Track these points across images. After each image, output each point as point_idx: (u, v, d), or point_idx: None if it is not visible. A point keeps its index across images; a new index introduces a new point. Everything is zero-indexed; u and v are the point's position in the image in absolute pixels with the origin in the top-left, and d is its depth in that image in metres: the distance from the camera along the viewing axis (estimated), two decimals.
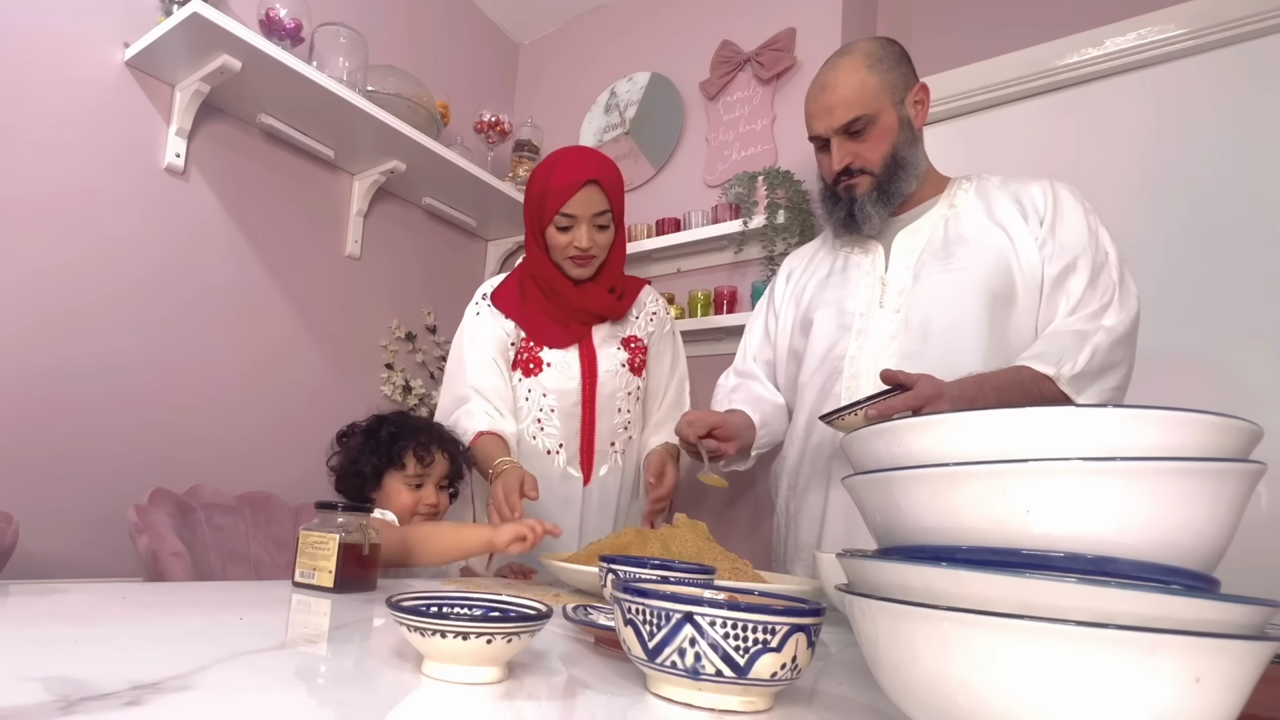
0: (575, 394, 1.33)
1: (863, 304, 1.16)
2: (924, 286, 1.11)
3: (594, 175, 1.26)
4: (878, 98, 1.09)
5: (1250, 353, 1.42)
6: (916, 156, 1.13)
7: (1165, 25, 1.55)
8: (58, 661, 0.39)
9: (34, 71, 1.41)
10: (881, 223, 1.14)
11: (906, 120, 1.12)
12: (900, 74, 1.12)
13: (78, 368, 1.45)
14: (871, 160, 1.11)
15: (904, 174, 1.12)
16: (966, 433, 0.38)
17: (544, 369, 1.34)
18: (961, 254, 1.09)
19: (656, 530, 0.89)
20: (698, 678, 0.40)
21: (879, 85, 1.09)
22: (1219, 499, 0.34)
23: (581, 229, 1.28)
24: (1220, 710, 0.30)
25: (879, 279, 1.16)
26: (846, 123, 1.09)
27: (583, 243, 1.28)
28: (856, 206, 1.13)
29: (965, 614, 0.31)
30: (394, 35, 2.10)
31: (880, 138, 1.10)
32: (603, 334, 1.39)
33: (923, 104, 1.14)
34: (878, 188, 1.12)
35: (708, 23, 2.06)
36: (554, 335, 1.35)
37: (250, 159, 1.77)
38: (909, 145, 1.12)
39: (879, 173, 1.12)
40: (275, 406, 1.78)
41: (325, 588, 0.73)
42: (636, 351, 1.41)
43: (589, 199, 1.27)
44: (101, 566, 1.43)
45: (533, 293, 1.38)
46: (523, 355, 1.36)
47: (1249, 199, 1.47)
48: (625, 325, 1.43)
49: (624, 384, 1.37)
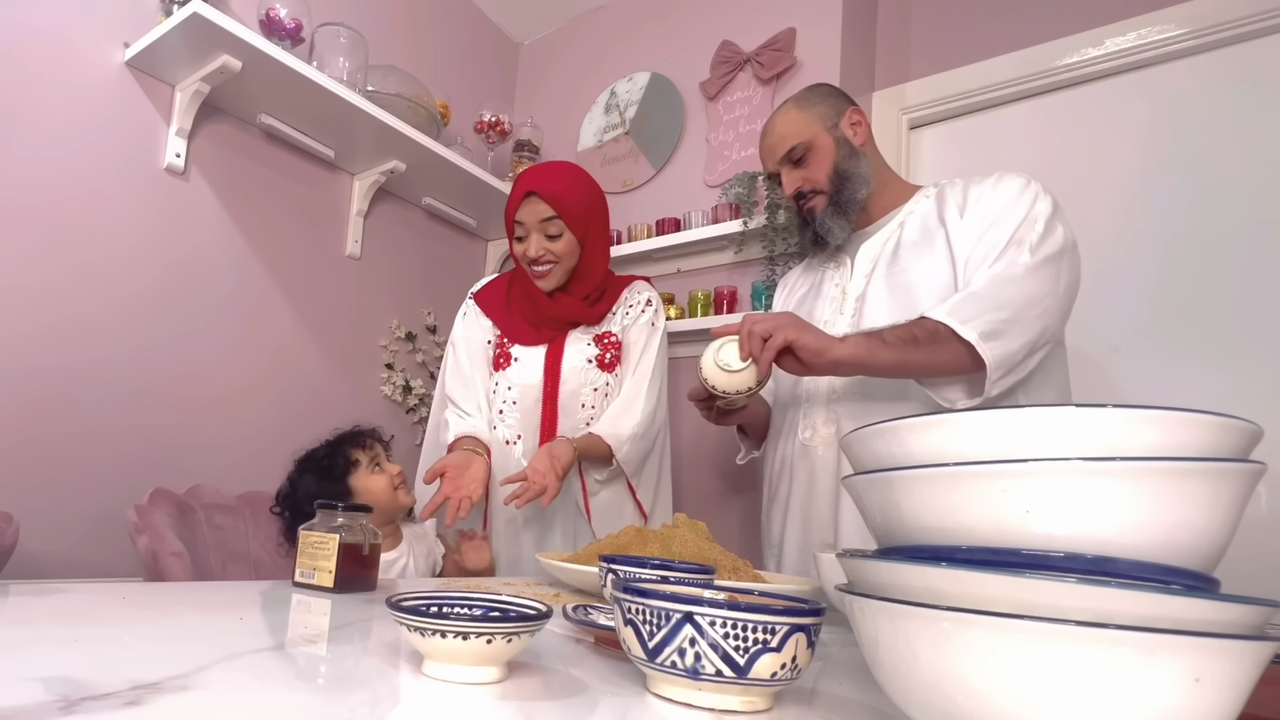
0: (537, 389, 1.36)
1: (828, 313, 1.22)
2: (873, 291, 1.17)
3: (532, 187, 1.31)
4: (809, 126, 1.21)
5: (1250, 352, 1.42)
6: (860, 168, 1.21)
7: (1165, 25, 1.55)
8: (58, 661, 0.39)
9: (34, 72, 1.41)
10: (844, 233, 1.22)
11: (843, 139, 1.22)
12: (829, 105, 1.23)
13: (78, 368, 1.45)
14: (818, 179, 1.21)
15: (852, 184, 1.20)
16: (966, 433, 0.38)
17: (512, 363, 1.39)
18: (907, 257, 1.15)
19: (656, 530, 0.89)
20: (698, 678, 0.40)
21: (808, 117, 1.22)
22: (1219, 499, 0.34)
23: (531, 238, 1.33)
24: (1220, 710, 0.30)
25: (842, 289, 1.23)
26: (786, 152, 1.22)
27: (530, 251, 1.33)
28: (818, 223, 1.22)
29: (965, 614, 0.31)
30: (394, 35, 2.10)
31: (820, 159, 1.21)
32: (576, 333, 1.41)
33: (860, 124, 1.23)
34: (832, 202, 1.21)
35: (708, 23, 2.06)
36: (526, 334, 1.40)
37: (250, 159, 1.77)
38: (850, 159, 1.21)
39: (828, 189, 1.21)
40: (275, 406, 1.78)
41: (325, 588, 0.73)
42: (609, 347, 1.40)
43: (532, 209, 1.31)
44: (101, 566, 1.43)
45: (517, 297, 1.44)
46: (497, 351, 1.42)
47: (1249, 199, 1.47)
48: (602, 323, 1.43)
49: (590, 380, 1.37)
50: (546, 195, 1.32)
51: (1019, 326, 0.97)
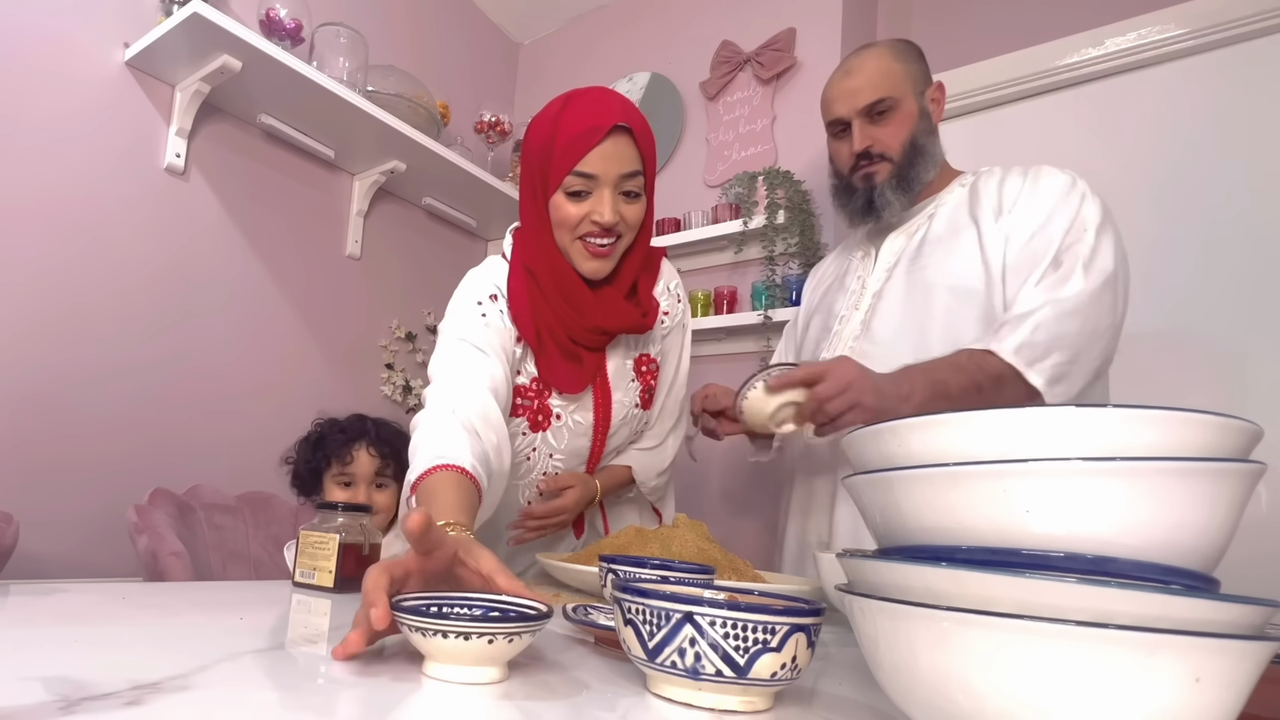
0: (585, 451, 1.07)
1: (845, 307, 1.18)
2: (891, 288, 1.11)
3: (622, 118, 0.89)
4: (902, 84, 1.09)
5: (1250, 352, 1.42)
6: (934, 147, 1.13)
7: (1165, 25, 1.55)
8: (58, 661, 0.39)
9: (34, 72, 1.41)
10: (901, 209, 1.12)
11: (925, 111, 1.12)
12: (921, 68, 1.13)
13: (78, 368, 1.45)
14: (891, 146, 1.10)
15: (923, 162, 1.11)
16: (966, 433, 0.38)
17: (552, 423, 1.02)
18: (929, 254, 1.09)
19: (656, 530, 0.89)
20: (698, 678, 0.40)
21: (903, 73, 1.10)
22: (1219, 499, 0.34)
23: (604, 195, 0.90)
24: (1220, 710, 0.30)
25: (863, 282, 1.17)
26: (871, 103, 1.09)
27: (605, 215, 0.90)
28: (876, 194, 1.11)
29: (965, 614, 0.31)
30: (394, 35, 2.10)
31: (901, 123, 1.10)
32: (616, 363, 1.06)
33: (938, 102, 1.15)
34: (896, 174, 1.10)
35: (708, 23, 2.06)
36: (569, 378, 1.00)
37: (250, 159, 1.77)
38: (927, 135, 1.12)
39: (898, 159, 1.10)
40: (275, 406, 1.78)
41: (325, 588, 0.73)
42: (648, 376, 1.11)
43: (617, 152, 0.89)
44: (101, 566, 1.43)
45: (543, 311, 0.99)
46: (530, 399, 1.01)
47: (1249, 199, 1.47)
48: (644, 342, 1.10)
49: (632, 425, 1.11)
50: (641, 135, 0.92)
51: (1082, 367, 0.92)
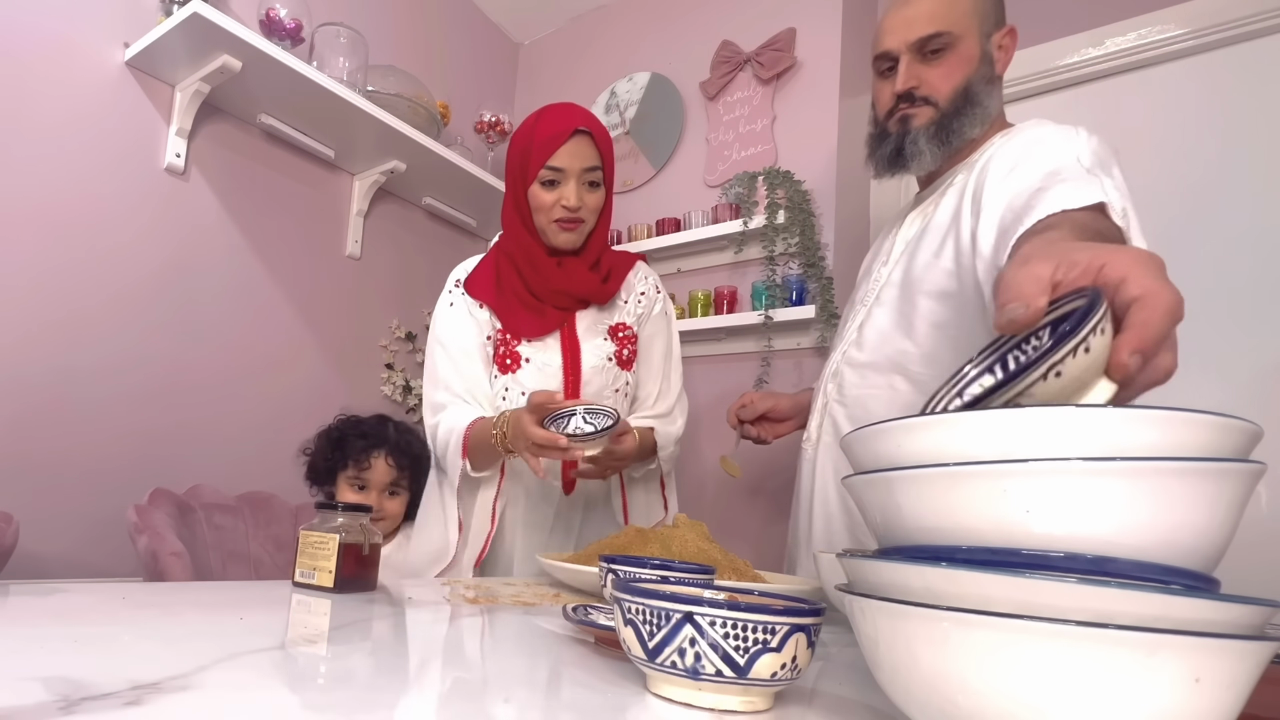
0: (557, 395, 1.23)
1: (860, 300, 1.12)
2: (887, 291, 1.03)
3: (584, 124, 1.16)
4: (966, 19, 0.96)
5: (1251, 352, 1.42)
6: (989, 97, 0.98)
7: (1165, 25, 1.55)
8: (58, 661, 0.39)
9: (34, 72, 1.41)
10: (933, 163, 0.99)
11: (989, 56, 0.97)
12: (994, 4, 0.99)
13: (78, 367, 1.45)
14: (940, 90, 0.96)
15: (971, 112, 0.96)
16: (966, 432, 0.38)
17: (522, 365, 1.21)
18: (925, 248, 0.98)
19: (656, 530, 0.89)
20: (698, 678, 0.40)
21: (970, 6, 0.96)
22: (1219, 499, 0.34)
23: (570, 185, 1.17)
24: (1220, 710, 0.30)
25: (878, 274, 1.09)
26: (925, 37, 0.95)
27: (570, 200, 1.16)
28: (909, 139, 0.98)
29: (965, 614, 0.31)
30: (394, 35, 2.10)
31: (957, 65, 0.96)
32: (586, 322, 1.25)
33: (1006, 50, 1.00)
34: (937, 122, 0.97)
35: (708, 23, 2.06)
36: (529, 324, 1.21)
37: (250, 159, 1.77)
38: (985, 85, 0.97)
39: (944, 105, 0.97)
40: (275, 406, 1.78)
41: (325, 588, 0.73)
42: (625, 341, 1.27)
43: (579, 150, 1.16)
44: (101, 566, 1.43)
45: (508, 275, 1.24)
46: (500, 349, 1.22)
47: (1249, 199, 1.47)
48: (612, 311, 1.28)
49: (611, 380, 1.24)
50: (600, 138, 1.18)
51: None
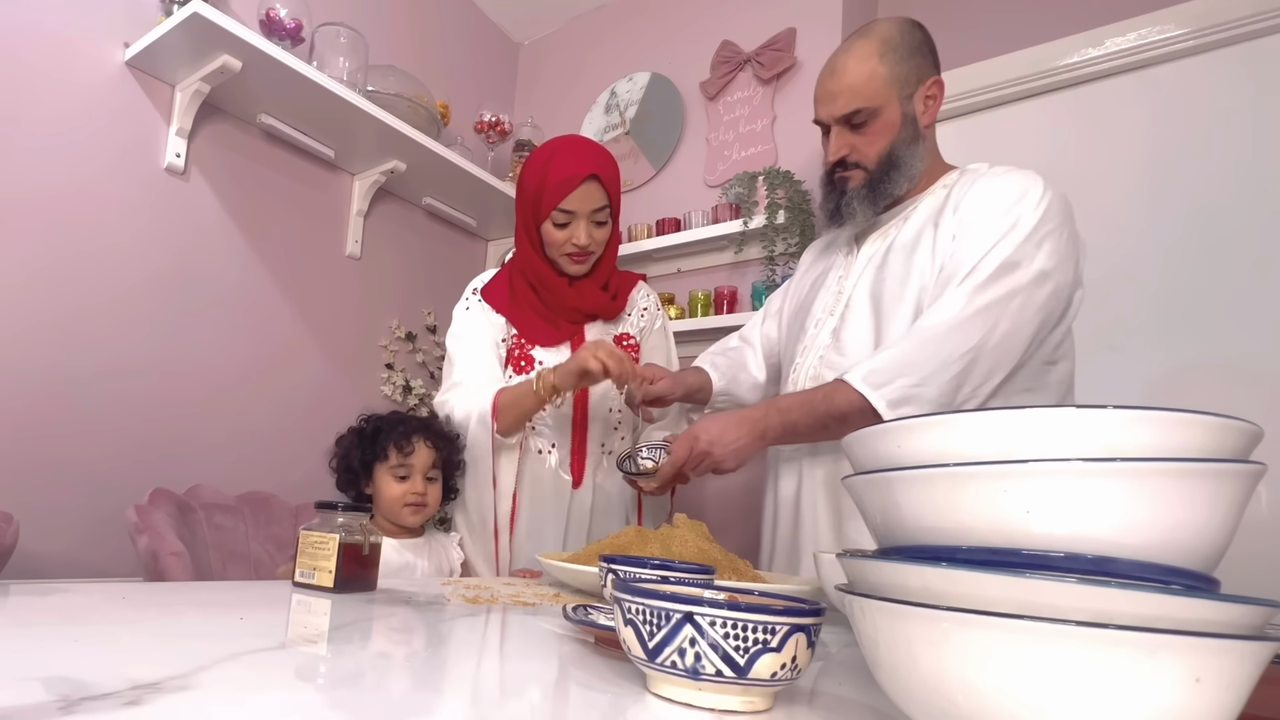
0: (568, 395, 1.28)
1: (822, 310, 1.16)
2: (857, 299, 1.10)
3: (594, 170, 1.23)
4: (883, 90, 1.05)
5: (1251, 353, 1.42)
6: (913, 157, 1.09)
7: (1165, 25, 1.55)
8: (58, 661, 0.39)
9: (34, 71, 1.41)
10: (865, 220, 1.13)
11: (911, 117, 1.08)
12: (914, 65, 1.07)
13: (78, 368, 1.45)
14: (867, 155, 1.08)
15: (897, 174, 1.08)
16: (966, 433, 0.38)
17: (536, 368, 1.29)
18: (893, 263, 1.07)
19: (656, 530, 0.89)
20: (698, 678, 0.40)
21: (887, 77, 1.05)
22: (1219, 499, 0.34)
23: (580, 225, 1.25)
24: (1220, 710, 0.30)
25: (840, 284, 1.16)
26: (848, 113, 1.06)
27: (581, 240, 1.25)
28: (844, 201, 1.11)
29: (965, 614, 0.31)
30: (394, 35, 2.10)
31: (880, 133, 1.07)
32: (595, 333, 1.35)
33: (935, 99, 1.09)
34: (868, 185, 1.09)
35: (708, 23, 2.06)
36: (544, 333, 1.32)
37: (250, 159, 1.77)
38: (907, 145, 1.08)
39: (873, 169, 1.09)
40: (275, 406, 1.78)
41: (325, 588, 0.73)
42: (629, 350, 1.36)
43: (589, 195, 1.23)
44: (101, 566, 1.43)
45: (522, 290, 1.34)
46: (514, 353, 1.32)
47: (1249, 199, 1.47)
48: (618, 323, 1.40)
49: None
50: (608, 181, 1.25)
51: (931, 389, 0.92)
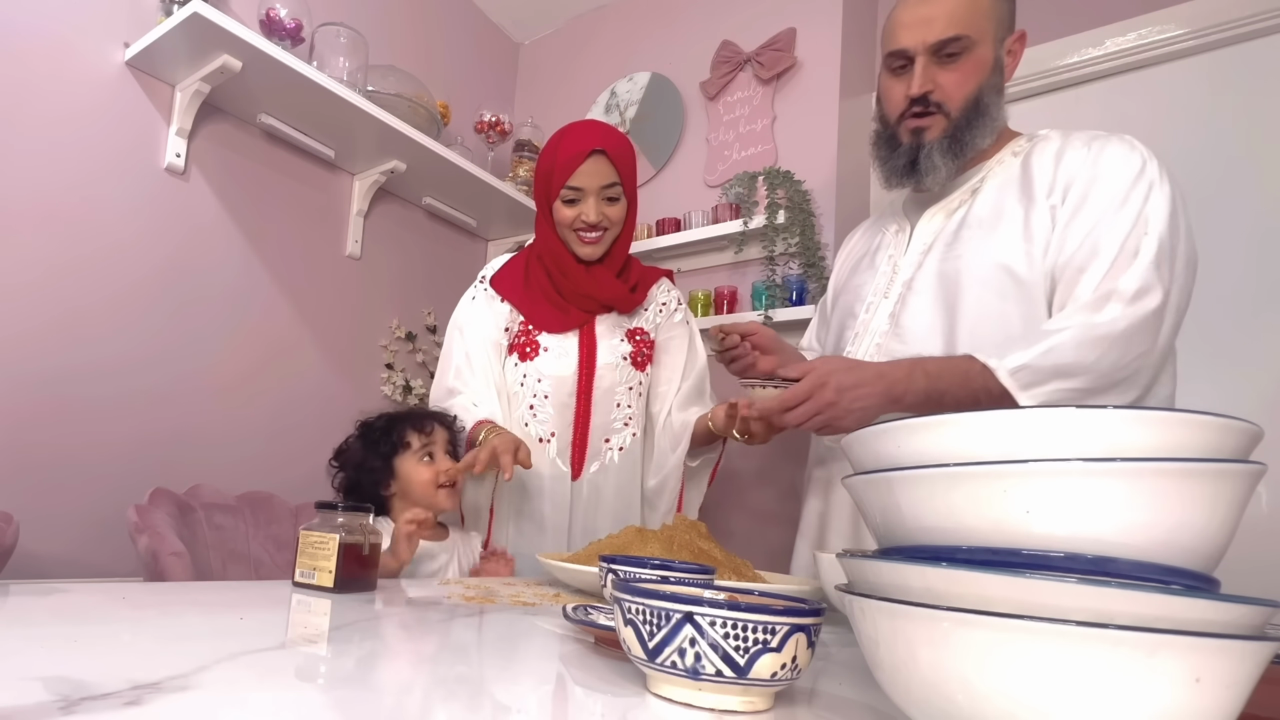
0: (570, 382, 1.29)
1: (874, 294, 1.09)
2: (921, 280, 1.01)
3: (600, 144, 1.23)
4: (984, 23, 0.93)
5: (1250, 353, 1.42)
6: (998, 108, 0.98)
7: (1165, 25, 1.55)
8: (58, 661, 0.39)
9: (34, 72, 1.41)
10: (947, 178, 0.99)
11: (1000, 63, 0.96)
12: (1009, 9, 0.97)
13: (78, 367, 1.45)
14: (953, 96, 0.95)
15: (982, 124, 0.96)
16: (966, 433, 0.38)
17: (540, 353, 1.30)
18: (968, 240, 0.97)
19: (656, 530, 0.89)
20: (698, 678, 0.40)
21: (990, 9, 0.94)
22: (1219, 499, 0.34)
23: (589, 202, 1.24)
24: (1220, 710, 0.30)
25: (894, 265, 1.07)
26: (945, 39, 0.93)
27: (590, 216, 1.24)
28: (923, 154, 0.98)
29: (965, 614, 0.31)
30: (394, 35, 2.10)
31: (972, 71, 0.94)
32: (607, 324, 1.34)
33: (1015, 55, 0.99)
34: (950, 134, 0.97)
35: (708, 23, 2.06)
36: (552, 320, 1.31)
37: (250, 159, 1.77)
38: (994, 93, 0.97)
39: (956, 115, 0.96)
40: (275, 406, 1.78)
41: (325, 588, 0.73)
42: (641, 345, 1.35)
43: (597, 170, 1.23)
44: (101, 566, 1.43)
45: (537, 275, 1.33)
46: (520, 339, 1.32)
47: (1249, 199, 1.47)
48: (633, 317, 1.37)
49: (624, 378, 1.32)
50: (615, 155, 1.24)
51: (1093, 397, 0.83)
